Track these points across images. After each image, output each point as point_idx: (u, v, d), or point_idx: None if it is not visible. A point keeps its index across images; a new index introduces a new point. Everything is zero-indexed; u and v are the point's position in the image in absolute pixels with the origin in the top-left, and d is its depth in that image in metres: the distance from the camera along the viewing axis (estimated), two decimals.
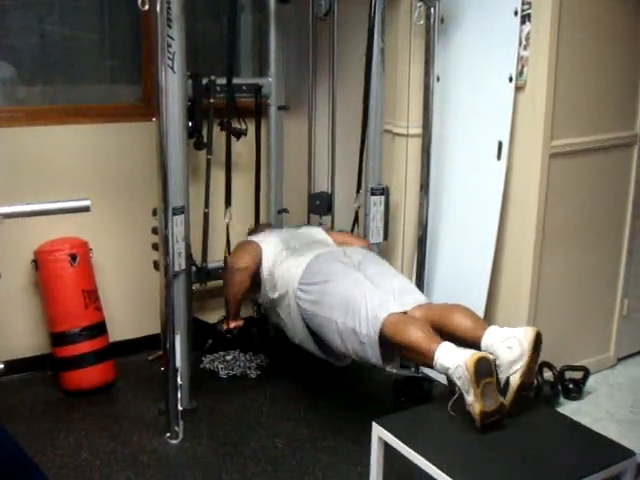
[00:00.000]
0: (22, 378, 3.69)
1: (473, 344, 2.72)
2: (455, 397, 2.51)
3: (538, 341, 2.60)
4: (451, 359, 2.53)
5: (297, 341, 3.41)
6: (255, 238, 3.64)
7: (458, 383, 2.49)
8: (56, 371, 3.63)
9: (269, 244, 3.54)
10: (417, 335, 2.69)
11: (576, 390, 3.60)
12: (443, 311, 2.90)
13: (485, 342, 2.67)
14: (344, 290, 3.04)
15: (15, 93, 3.79)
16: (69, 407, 3.48)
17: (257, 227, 4.03)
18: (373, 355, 2.88)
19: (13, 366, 3.60)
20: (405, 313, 2.89)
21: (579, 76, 3.44)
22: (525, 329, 2.62)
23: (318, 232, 3.74)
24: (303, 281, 3.20)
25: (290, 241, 3.56)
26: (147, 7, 2.72)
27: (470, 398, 2.43)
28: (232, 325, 3.61)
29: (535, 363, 2.63)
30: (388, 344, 2.83)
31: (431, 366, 2.64)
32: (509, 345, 2.59)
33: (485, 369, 2.43)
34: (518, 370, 2.55)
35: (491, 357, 2.49)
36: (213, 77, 3.69)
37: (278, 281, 3.37)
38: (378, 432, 2.47)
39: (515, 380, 2.55)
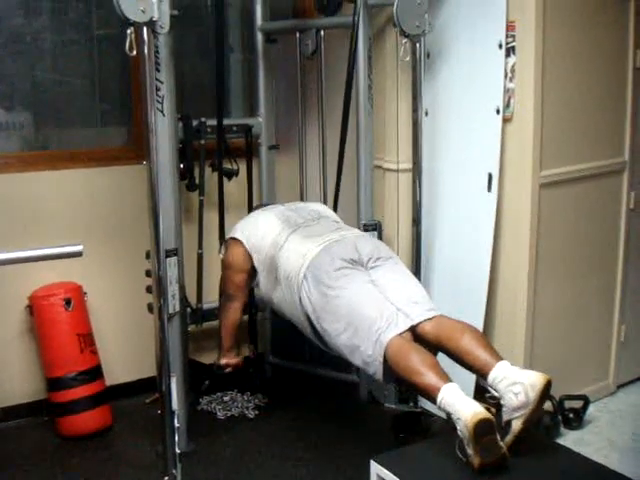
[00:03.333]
0: (18, 424, 3.67)
1: (479, 374, 2.67)
2: (458, 442, 2.45)
3: (547, 390, 2.50)
4: (454, 407, 2.44)
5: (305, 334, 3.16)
6: (238, 233, 3.32)
7: (458, 432, 2.42)
8: (52, 416, 3.61)
9: (260, 230, 3.27)
10: (420, 369, 2.59)
11: (576, 419, 3.58)
12: (454, 331, 2.77)
13: (492, 377, 2.57)
14: (350, 303, 2.85)
15: (7, 139, 3.81)
16: (66, 453, 3.45)
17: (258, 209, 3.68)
18: (376, 373, 2.77)
19: (9, 413, 3.59)
20: (415, 328, 2.79)
21: (566, 106, 3.48)
22: (535, 377, 2.49)
23: (322, 208, 3.54)
24: (308, 276, 2.95)
25: (291, 216, 3.31)
26: (135, 52, 2.74)
27: (469, 451, 2.37)
28: (223, 361, 3.42)
29: (541, 409, 2.55)
30: (389, 369, 2.74)
31: (433, 402, 2.57)
32: (515, 391, 2.48)
33: (485, 428, 2.35)
34: (521, 416, 2.47)
35: (492, 417, 2.39)
36: (204, 119, 3.72)
37: (279, 268, 3.12)
38: (376, 470, 2.45)
39: (517, 425, 2.47)
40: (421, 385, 2.59)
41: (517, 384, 2.49)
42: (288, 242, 3.15)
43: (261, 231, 3.26)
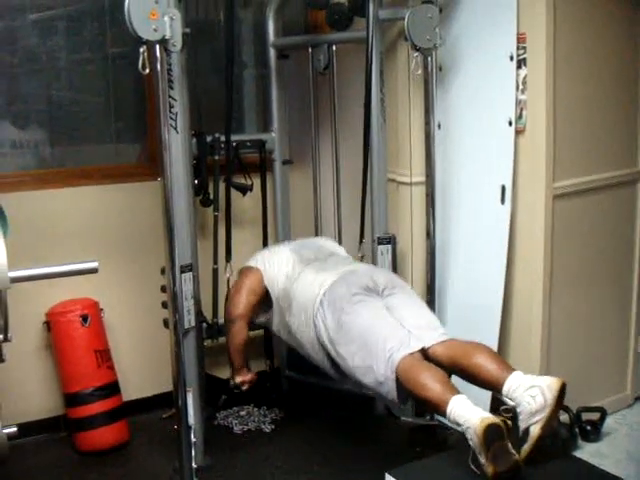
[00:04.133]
0: (36, 440, 3.67)
1: (494, 387, 2.69)
2: (471, 453, 2.47)
3: (563, 393, 2.53)
4: (463, 417, 2.48)
5: (314, 363, 3.25)
6: (255, 262, 3.45)
7: (470, 442, 2.45)
8: (70, 432, 3.63)
9: (275, 264, 3.38)
10: (429, 384, 2.63)
11: (594, 432, 3.56)
12: (466, 350, 2.81)
13: (507, 387, 2.60)
14: (364, 325, 2.93)
15: (23, 157, 3.85)
16: (84, 468, 3.46)
17: None
18: (390, 392, 2.80)
19: (27, 429, 3.57)
20: (424, 349, 2.82)
21: (578, 116, 3.47)
22: (551, 380, 2.54)
23: (330, 244, 3.65)
24: (324, 303, 3.04)
25: (302, 251, 3.41)
26: (148, 70, 2.77)
27: (482, 460, 2.39)
28: (238, 380, 3.46)
29: (557, 414, 2.58)
30: (401, 387, 2.78)
31: (443, 416, 2.61)
32: (532, 394, 2.51)
33: (495, 434, 2.38)
34: (539, 421, 2.49)
35: (500, 422, 2.42)
36: (217, 134, 3.74)
37: (294, 300, 3.21)
38: None
39: (535, 431, 2.49)
40: (431, 399, 2.62)
41: (534, 387, 2.52)
42: (302, 274, 3.25)
43: (276, 264, 3.38)
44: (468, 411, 2.48)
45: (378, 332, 2.87)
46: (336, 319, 2.98)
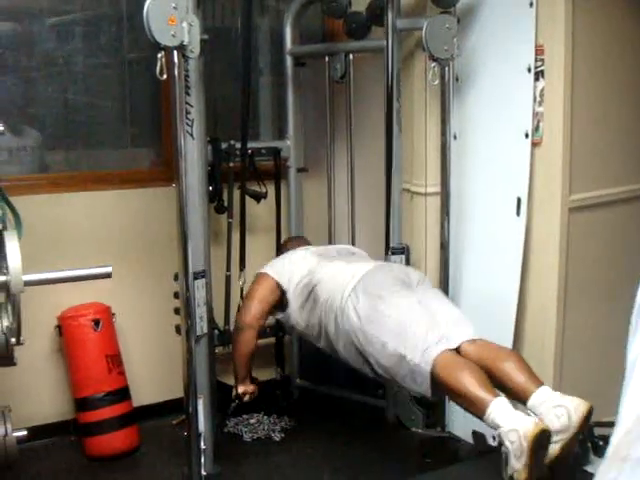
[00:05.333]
0: (46, 444, 3.67)
1: (520, 398, 2.66)
2: (508, 469, 2.41)
3: (589, 416, 2.52)
4: (506, 419, 2.44)
5: (339, 356, 3.18)
6: (269, 268, 3.42)
7: (507, 445, 2.41)
8: (80, 437, 3.62)
9: (292, 263, 3.38)
10: (470, 382, 2.60)
11: (606, 447, 3.51)
12: (496, 354, 2.81)
13: (533, 401, 2.58)
14: (400, 315, 2.93)
15: (39, 161, 3.87)
16: (93, 473, 3.46)
17: (288, 242, 3.87)
18: (422, 384, 2.77)
19: (37, 432, 3.58)
20: (458, 349, 2.81)
21: (595, 129, 3.46)
22: (578, 402, 2.52)
23: (352, 248, 3.66)
24: (358, 289, 3.01)
25: (323, 252, 3.44)
26: (165, 76, 2.78)
27: (518, 465, 2.36)
28: (240, 390, 3.45)
29: (580, 436, 2.55)
30: (436, 382, 2.75)
31: (479, 416, 2.57)
32: (558, 414, 2.49)
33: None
34: (560, 441, 2.46)
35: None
36: (232, 142, 3.74)
37: (318, 287, 3.17)
38: None
39: (554, 450, 2.46)
40: (470, 396, 2.59)
41: (560, 407, 2.50)
42: (330, 264, 3.25)
43: (294, 264, 3.37)
44: (514, 415, 2.46)
45: (415, 325, 2.87)
46: (371, 306, 2.96)
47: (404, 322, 2.89)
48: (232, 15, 4.16)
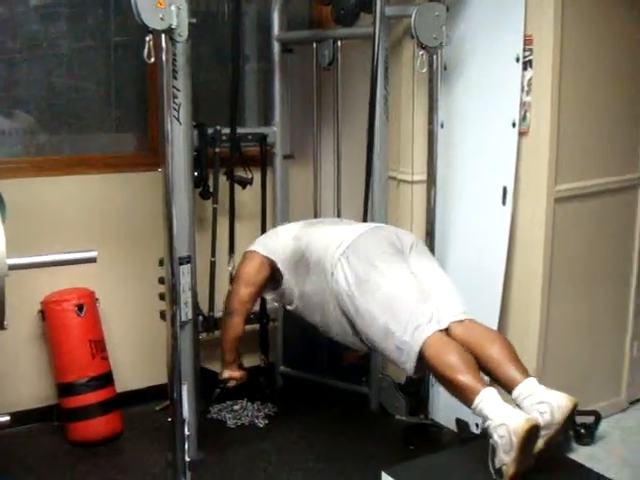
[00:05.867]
0: (28, 430, 3.66)
1: (504, 387, 2.64)
2: (496, 461, 2.41)
3: (573, 413, 2.52)
4: (495, 412, 2.42)
5: (331, 333, 3.12)
6: (255, 245, 3.36)
7: (496, 439, 2.39)
8: (63, 422, 3.61)
9: (278, 236, 3.34)
10: (460, 368, 2.57)
11: (588, 435, 3.56)
12: (485, 340, 2.75)
13: (518, 392, 2.57)
14: (392, 287, 2.85)
15: (23, 144, 3.82)
16: (76, 459, 3.45)
17: None
18: (406, 362, 2.73)
19: (19, 417, 3.57)
20: (447, 329, 2.76)
21: (582, 120, 3.47)
22: (562, 399, 2.50)
23: (336, 218, 3.58)
24: (349, 252, 2.94)
25: (312, 220, 3.42)
26: (153, 60, 2.75)
27: (507, 459, 2.35)
28: (226, 375, 3.41)
29: (564, 430, 2.55)
30: (424, 363, 2.71)
31: (467, 404, 2.54)
32: (541, 410, 2.47)
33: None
34: (544, 436, 2.46)
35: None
36: (219, 127, 3.72)
37: (307, 251, 3.11)
38: None
39: (539, 444, 2.46)
40: (459, 383, 2.55)
41: (544, 403, 2.48)
42: (316, 229, 3.21)
43: (280, 237, 3.31)
44: (504, 408, 2.44)
45: (406, 300, 2.80)
46: (362, 273, 2.88)
47: (395, 296, 2.82)
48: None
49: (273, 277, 3.30)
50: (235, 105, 3.61)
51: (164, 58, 2.79)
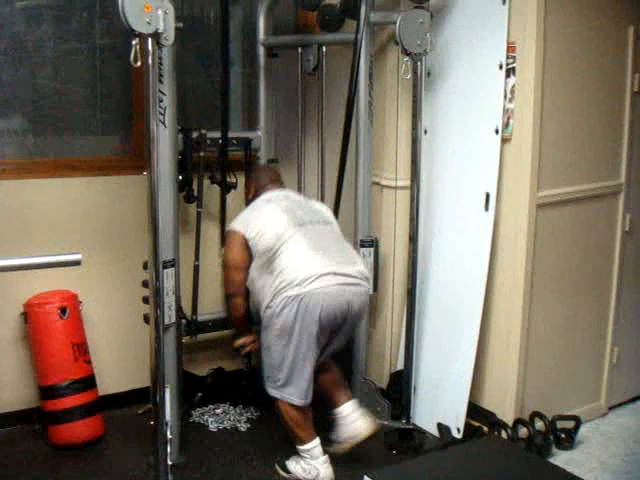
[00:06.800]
0: (9, 432, 3.65)
1: (329, 401, 3.46)
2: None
3: (373, 435, 3.36)
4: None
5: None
6: (240, 225, 3.35)
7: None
8: (44, 425, 3.59)
9: (263, 217, 3.32)
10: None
11: (568, 440, 3.59)
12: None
13: (339, 410, 3.41)
14: (288, 357, 3.23)
15: (6, 146, 3.81)
16: (57, 462, 3.43)
17: (259, 179, 3.62)
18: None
19: (0, 420, 3.56)
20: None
21: (564, 127, 3.51)
22: (368, 425, 3.35)
23: (326, 211, 3.53)
24: (297, 303, 3.13)
25: (297, 211, 3.36)
26: (139, 63, 2.75)
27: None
28: (240, 342, 3.58)
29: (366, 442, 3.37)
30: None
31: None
32: (352, 429, 3.36)
33: None
34: (349, 444, 3.35)
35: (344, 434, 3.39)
36: (203, 131, 3.73)
37: (276, 266, 3.22)
38: None
39: (344, 448, 3.36)
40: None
41: (355, 424, 3.38)
42: (293, 239, 3.23)
43: (264, 220, 3.31)
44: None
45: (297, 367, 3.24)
46: (285, 328, 3.17)
47: (288, 364, 3.24)
48: (201, 4, 4.14)
49: None
50: (226, 110, 3.66)
51: (150, 62, 2.79)
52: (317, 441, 3.30)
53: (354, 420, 3.37)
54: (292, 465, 3.33)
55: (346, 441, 3.36)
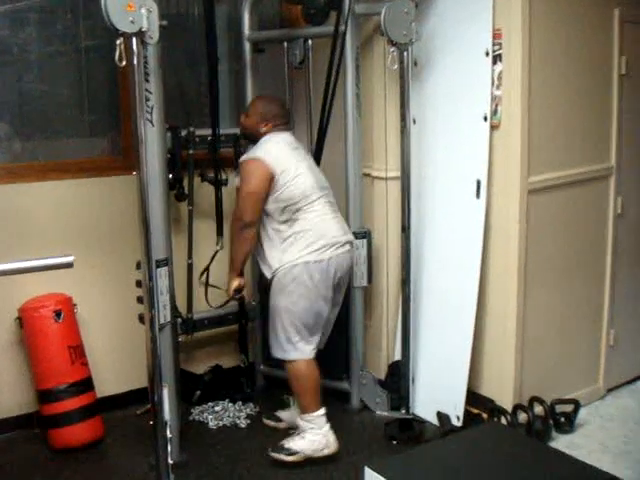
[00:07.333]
0: (9, 437, 3.64)
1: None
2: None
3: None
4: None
5: None
6: (265, 154, 3.33)
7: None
8: (43, 429, 3.59)
9: (286, 161, 3.36)
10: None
11: (568, 423, 3.60)
12: None
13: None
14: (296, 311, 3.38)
15: None
16: (58, 466, 3.43)
17: (268, 113, 3.50)
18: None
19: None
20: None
21: (553, 112, 3.51)
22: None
23: (323, 177, 3.54)
24: (304, 267, 3.34)
25: (317, 174, 3.47)
26: (124, 63, 2.74)
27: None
28: (235, 283, 3.47)
29: None
30: None
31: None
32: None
33: None
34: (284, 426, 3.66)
35: None
36: (192, 129, 3.72)
37: (297, 224, 3.37)
38: (371, 477, 2.46)
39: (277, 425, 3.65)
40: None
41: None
42: (318, 202, 3.39)
43: (297, 171, 3.36)
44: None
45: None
46: (302, 287, 3.33)
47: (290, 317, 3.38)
48: (186, 1, 4.12)
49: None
50: (216, 107, 3.64)
51: (135, 61, 2.78)
52: (324, 409, 3.38)
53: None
54: (296, 444, 3.37)
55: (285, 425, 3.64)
